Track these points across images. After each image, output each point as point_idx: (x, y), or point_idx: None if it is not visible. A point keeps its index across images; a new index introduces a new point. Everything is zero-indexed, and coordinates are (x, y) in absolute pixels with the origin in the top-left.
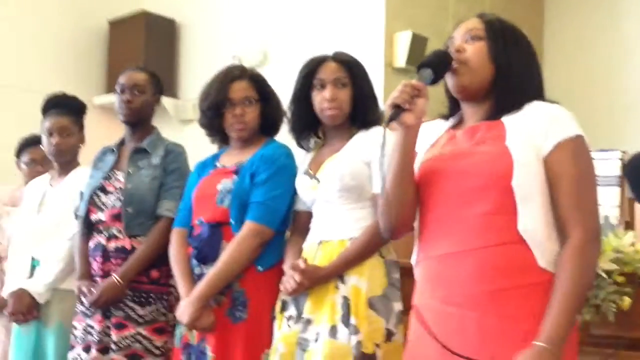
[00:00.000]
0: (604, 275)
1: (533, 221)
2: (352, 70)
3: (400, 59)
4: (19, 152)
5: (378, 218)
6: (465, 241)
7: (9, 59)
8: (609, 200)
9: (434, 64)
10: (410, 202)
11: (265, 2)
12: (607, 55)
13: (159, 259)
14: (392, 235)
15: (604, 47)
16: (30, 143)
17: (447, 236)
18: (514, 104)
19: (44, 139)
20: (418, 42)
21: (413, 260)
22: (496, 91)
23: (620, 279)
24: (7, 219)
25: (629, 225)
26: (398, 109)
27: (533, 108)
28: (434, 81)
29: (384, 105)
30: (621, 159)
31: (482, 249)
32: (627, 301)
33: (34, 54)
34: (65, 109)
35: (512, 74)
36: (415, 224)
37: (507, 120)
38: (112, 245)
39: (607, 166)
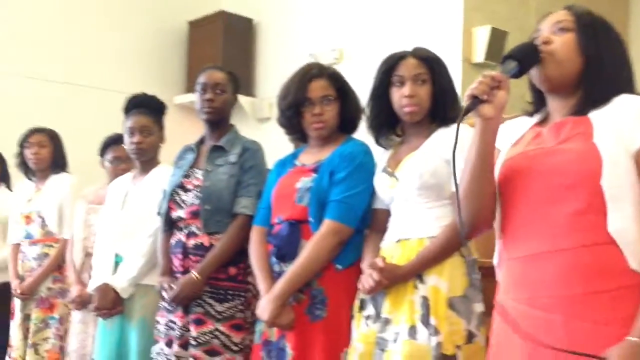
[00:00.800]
0: None
1: (624, 221)
2: (432, 67)
3: (479, 54)
4: (103, 151)
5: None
6: (552, 242)
7: (92, 60)
8: None
9: (520, 56)
10: (488, 197)
11: (341, 0)
12: None
13: (237, 256)
14: (468, 233)
15: None
16: (114, 142)
17: (533, 236)
18: (602, 98)
19: (126, 138)
20: (498, 36)
21: (495, 261)
22: (585, 84)
23: None
24: (94, 216)
25: None
26: (476, 100)
27: (621, 102)
28: (518, 74)
29: (462, 101)
30: None
31: (570, 250)
32: None
33: (116, 55)
34: (146, 108)
35: (602, 67)
36: (496, 224)
37: (594, 115)
38: (191, 242)
39: None
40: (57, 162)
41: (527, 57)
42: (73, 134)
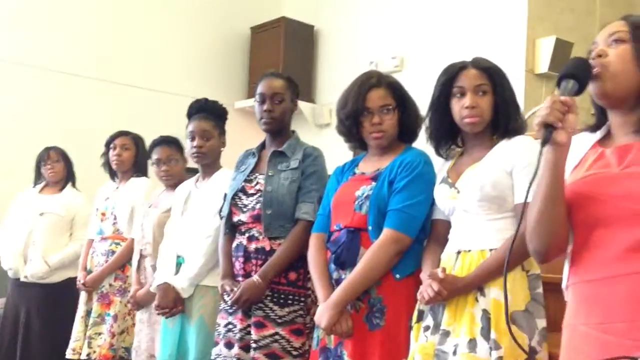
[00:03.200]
0: None
1: None
2: (493, 77)
3: (543, 65)
4: (149, 153)
5: (526, 241)
6: (623, 265)
7: (157, 64)
8: None
9: (575, 73)
10: (563, 222)
11: (403, 8)
12: None
13: (297, 261)
14: (544, 257)
15: None
16: (157, 143)
17: (601, 261)
18: None
19: (188, 142)
20: (562, 47)
21: (564, 283)
22: None
23: None
24: (148, 219)
25: None
26: (551, 128)
27: None
28: (579, 92)
29: (524, 112)
30: None
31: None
32: None
33: (180, 60)
34: (208, 113)
35: None
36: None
37: None
38: (252, 246)
39: None
40: (138, 165)
41: (582, 73)
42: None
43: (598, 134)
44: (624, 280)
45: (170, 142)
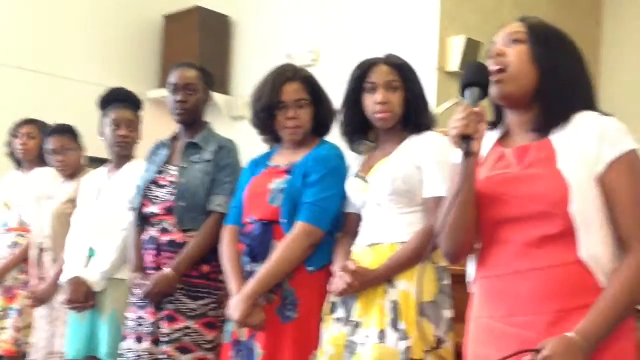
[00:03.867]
0: None
1: (594, 245)
2: (404, 74)
3: (453, 63)
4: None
5: (439, 241)
6: (526, 261)
7: (65, 51)
8: None
9: (479, 80)
10: (474, 225)
11: (319, 2)
12: None
13: (210, 253)
14: (455, 259)
15: None
16: (50, 133)
17: (506, 257)
18: (561, 113)
19: (108, 131)
20: (472, 46)
21: (469, 277)
22: (541, 97)
23: None
24: (44, 210)
25: None
26: (468, 139)
27: (582, 121)
28: (483, 97)
29: (435, 109)
30: None
31: (544, 269)
32: None
33: (89, 47)
34: (128, 103)
35: (558, 78)
36: None
37: (556, 139)
38: (164, 238)
39: None
40: (44, 154)
41: (484, 78)
42: None
43: (497, 133)
44: (526, 276)
45: (64, 132)
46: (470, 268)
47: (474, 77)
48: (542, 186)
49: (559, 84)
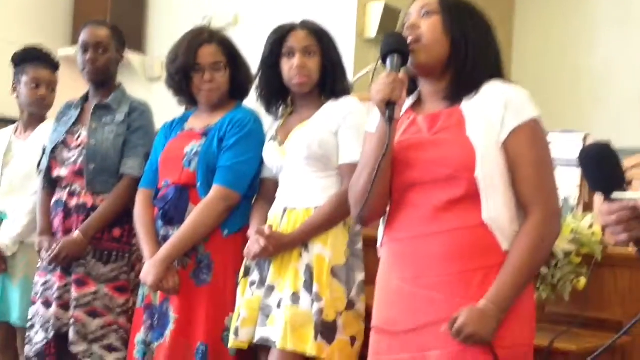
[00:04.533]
0: (561, 255)
1: (496, 209)
2: (321, 39)
3: (372, 30)
4: None
5: (350, 204)
6: (432, 225)
7: None
8: (570, 181)
9: (399, 48)
10: (388, 192)
11: None
12: (576, 39)
13: (122, 217)
14: (366, 223)
15: (573, 31)
16: None
17: (414, 221)
18: (471, 82)
19: (27, 90)
20: (390, 13)
21: (379, 243)
22: (453, 66)
23: (577, 259)
24: None
25: (587, 207)
26: (392, 105)
27: (490, 90)
28: (403, 65)
29: (353, 77)
30: (584, 141)
31: (449, 232)
32: (582, 281)
33: None
34: (47, 63)
35: (468, 48)
36: None
37: (466, 106)
38: (73, 201)
39: (570, 147)
40: None
41: (404, 47)
42: None
43: (410, 100)
44: (434, 238)
45: None
46: (380, 232)
47: (396, 45)
48: (450, 151)
49: (469, 53)
